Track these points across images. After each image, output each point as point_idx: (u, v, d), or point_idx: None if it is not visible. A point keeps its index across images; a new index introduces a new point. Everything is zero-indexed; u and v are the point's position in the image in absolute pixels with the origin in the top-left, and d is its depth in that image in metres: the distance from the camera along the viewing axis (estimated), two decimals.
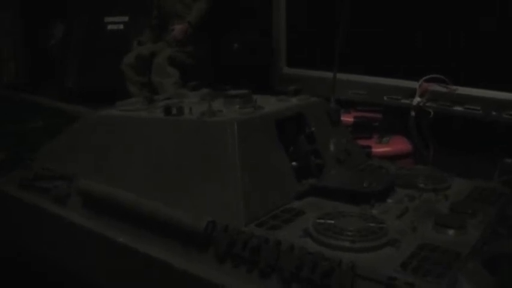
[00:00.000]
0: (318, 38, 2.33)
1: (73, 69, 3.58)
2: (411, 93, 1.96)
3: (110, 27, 3.59)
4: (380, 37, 2.20)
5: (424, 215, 0.88)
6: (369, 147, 1.97)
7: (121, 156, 1.10)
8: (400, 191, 1.00)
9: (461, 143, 1.84)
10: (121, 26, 3.60)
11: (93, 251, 1.05)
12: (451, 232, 0.79)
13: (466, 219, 0.83)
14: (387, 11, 2.17)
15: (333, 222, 0.80)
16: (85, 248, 1.08)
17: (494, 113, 1.84)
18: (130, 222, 0.98)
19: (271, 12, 2.63)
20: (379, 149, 1.99)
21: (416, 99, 1.90)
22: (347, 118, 2.12)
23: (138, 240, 0.95)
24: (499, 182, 1.09)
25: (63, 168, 1.18)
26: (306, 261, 0.71)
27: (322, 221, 0.81)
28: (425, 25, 2.06)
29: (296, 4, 2.54)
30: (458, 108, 1.93)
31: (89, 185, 1.08)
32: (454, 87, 1.89)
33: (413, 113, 1.88)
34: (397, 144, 2.06)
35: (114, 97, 1.47)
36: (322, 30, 2.15)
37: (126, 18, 3.61)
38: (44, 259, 1.23)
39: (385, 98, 2.18)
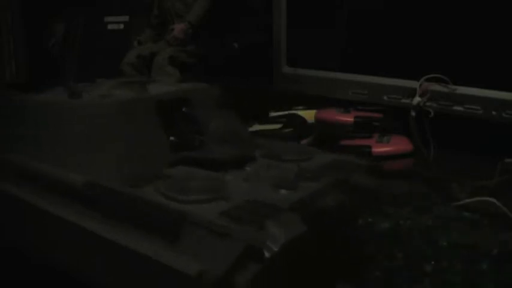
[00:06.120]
0: (318, 38, 2.33)
1: (73, 68, 3.59)
2: (411, 93, 1.96)
3: (110, 27, 3.60)
4: (380, 36, 2.20)
5: (271, 179, 0.95)
6: (369, 146, 1.97)
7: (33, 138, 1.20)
8: (262, 161, 1.07)
9: (461, 143, 1.84)
10: (121, 26, 3.61)
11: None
12: (283, 191, 0.87)
13: (301, 182, 0.88)
14: (387, 10, 2.17)
15: (182, 182, 0.90)
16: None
17: (494, 112, 1.84)
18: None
19: (271, 12, 2.63)
20: (379, 149, 1.99)
21: (417, 99, 1.90)
22: (347, 118, 2.12)
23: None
24: (500, 181, 1.09)
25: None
26: (152, 211, 0.80)
27: (172, 181, 0.90)
28: (426, 24, 2.06)
29: (296, 3, 2.54)
30: (458, 108, 1.93)
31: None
32: (454, 87, 1.90)
33: (413, 113, 1.89)
34: (398, 144, 2.06)
35: None
36: (322, 30, 2.15)
37: (126, 18, 3.62)
38: None
39: (385, 97, 2.18)
